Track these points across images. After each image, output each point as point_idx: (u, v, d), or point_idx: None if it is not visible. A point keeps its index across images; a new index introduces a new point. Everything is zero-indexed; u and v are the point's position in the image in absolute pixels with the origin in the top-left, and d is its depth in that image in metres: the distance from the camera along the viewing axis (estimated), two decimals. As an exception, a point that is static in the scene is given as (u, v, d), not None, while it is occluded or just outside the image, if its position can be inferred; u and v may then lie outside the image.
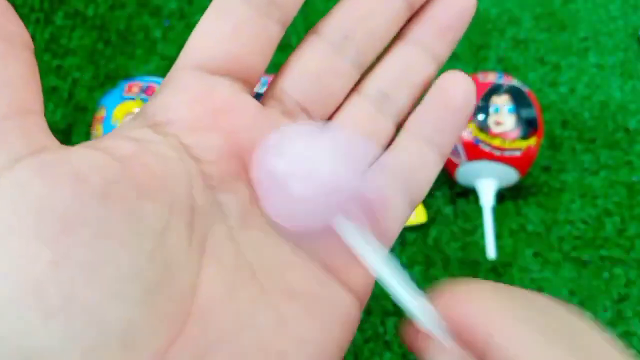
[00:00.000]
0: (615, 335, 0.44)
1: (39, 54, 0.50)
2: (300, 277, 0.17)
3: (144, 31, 0.51)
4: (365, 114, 0.20)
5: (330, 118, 0.20)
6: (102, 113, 0.41)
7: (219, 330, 0.15)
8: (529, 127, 0.42)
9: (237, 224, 0.17)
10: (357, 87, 0.20)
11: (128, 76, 0.49)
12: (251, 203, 0.17)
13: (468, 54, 0.52)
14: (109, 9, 0.52)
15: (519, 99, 0.42)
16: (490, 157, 0.42)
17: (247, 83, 0.18)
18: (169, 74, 0.18)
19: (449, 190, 0.46)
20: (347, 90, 0.20)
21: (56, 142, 0.15)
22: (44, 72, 0.49)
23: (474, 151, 0.42)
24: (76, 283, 0.13)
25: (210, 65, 0.18)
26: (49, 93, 0.48)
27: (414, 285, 0.17)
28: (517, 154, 0.42)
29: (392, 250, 0.46)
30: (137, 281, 0.14)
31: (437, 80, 0.20)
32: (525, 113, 0.42)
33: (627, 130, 0.49)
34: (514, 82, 0.44)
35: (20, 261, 0.13)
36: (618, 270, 0.44)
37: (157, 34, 0.51)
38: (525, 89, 0.43)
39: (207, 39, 0.18)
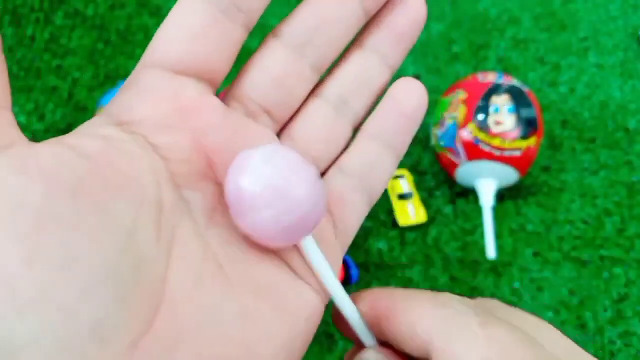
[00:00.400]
0: (615, 335, 0.44)
1: (39, 54, 0.50)
2: (265, 273, 0.18)
3: (144, 31, 0.51)
4: (325, 118, 0.21)
5: (290, 120, 0.21)
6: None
7: (188, 323, 0.15)
8: (529, 127, 0.42)
9: (204, 221, 0.17)
10: (317, 91, 0.21)
11: (128, 76, 0.49)
12: (218, 201, 0.18)
13: (468, 54, 0.52)
14: (109, 9, 0.52)
15: (519, 99, 0.42)
16: (490, 157, 0.42)
17: (211, 84, 0.19)
18: (133, 74, 0.18)
19: (449, 190, 0.46)
20: (307, 93, 0.21)
21: (24, 138, 0.15)
22: (44, 72, 0.49)
23: (474, 151, 0.42)
24: (49, 279, 0.13)
25: (176, 66, 0.18)
26: (49, 93, 0.48)
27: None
28: (517, 154, 0.42)
29: (392, 250, 0.46)
30: (109, 277, 0.14)
31: (391, 87, 0.21)
32: (525, 113, 0.42)
33: (627, 130, 0.49)
34: (514, 82, 0.44)
35: None
36: (618, 270, 0.44)
37: (157, 34, 0.51)
38: (525, 89, 0.43)
39: (172, 39, 0.18)
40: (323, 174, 0.21)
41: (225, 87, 0.20)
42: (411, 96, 0.21)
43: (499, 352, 0.16)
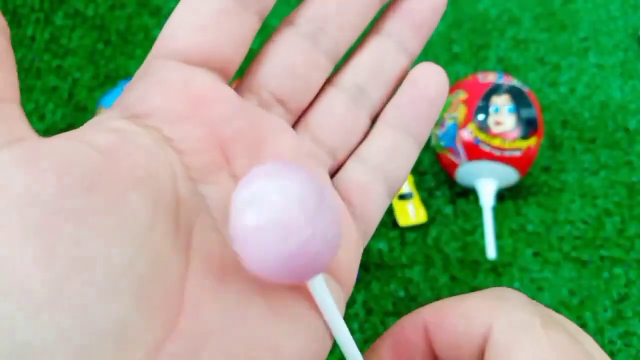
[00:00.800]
0: (615, 335, 0.44)
1: (39, 54, 0.50)
2: None
3: (144, 31, 0.51)
4: (342, 107, 0.20)
5: (306, 110, 0.20)
6: (102, 113, 0.41)
7: (213, 323, 0.15)
8: (529, 127, 0.42)
9: (221, 215, 0.16)
10: (332, 80, 0.20)
11: (128, 76, 0.49)
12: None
13: (468, 54, 0.52)
14: (109, 9, 0.52)
15: (519, 99, 0.42)
16: (490, 157, 0.42)
17: (224, 74, 0.18)
18: (144, 64, 0.18)
19: (449, 190, 0.46)
20: (322, 82, 0.20)
21: (34, 132, 0.14)
22: (44, 72, 0.49)
23: (474, 151, 0.42)
24: (64, 278, 0.12)
25: (188, 56, 0.17)
26: (49, 93, 0.48)
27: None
28: (517, 154, 0.42)
29: (392, 250, 0.46)
30: (128, 275, 0.13)
31: (410, 72, 0.21)
32: (525, 113, 0.42)
33: (627, 130, 0.49)
34: (514, 82, 0.44)
35: (3, 257, 0.12)
36: (618, 270, 0.44)
37: (157, 34, 0.51)
38: (525, 89, 0.43)
39: (184, 28, 0.17)
40: (341, 166, 0.20)
41: (236, 79, 0.20)
42: (431, 80, 0.20)
43: (558, 358, 0.15)
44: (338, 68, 0.21)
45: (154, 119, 0.16)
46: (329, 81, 0.20)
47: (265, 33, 0.20)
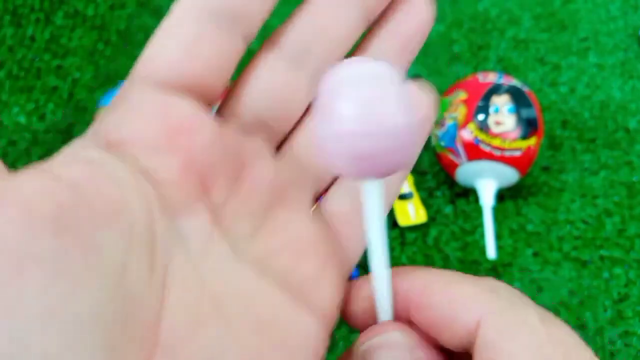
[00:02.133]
0: (615, 335, 0.44)
1: (39, 54, 0.50)
2: (267, 307, 0.16)
3: (144, 31, 0.51)
4: None
5: (291, 132, 0.20)
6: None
7: None
8: (529, 127, 0.42)
9: (199, 251, 0.16)
10: None
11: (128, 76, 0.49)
12: (212, 227, 0.16)
13: (468, 54, 0.52)
14: (109, 9, 0.52)
15: (519, 99, 0.42)
16: (491, 157, 0.42)
17: (205, 100, 0.17)
18: (122, 89, 0.17)
19: (449, 190, 0.46)
20: (306, 105, 0.19)
21: (3, 169, 0.14)
22: (44, 72, 0.49)
23: (474, 151, 0.42)
24: (30, 332, 0.12)
25: (167, 81, 0.17)
26: (49, 93, 0.48)
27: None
28: (517, 154, 0.42)
29: (392, 250, 0.46)
30: (97, 325, 0.12)
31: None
32: (525, 113, 0.42)
33: (627, 130, 0.49)
34: (514, 82, 0.44)
35: None
36: (618, 270, 0.44)
37: (157, 34, 0.51)
38: (525, 89, 0.43)
39: (164, 53, 0.17)
40: (329, 187, 0.20)
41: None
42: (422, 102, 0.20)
43: (563, 355, 0.14)
44: None
45: (129, 148, 0.16)
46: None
47: (265, 33, 0.20)
